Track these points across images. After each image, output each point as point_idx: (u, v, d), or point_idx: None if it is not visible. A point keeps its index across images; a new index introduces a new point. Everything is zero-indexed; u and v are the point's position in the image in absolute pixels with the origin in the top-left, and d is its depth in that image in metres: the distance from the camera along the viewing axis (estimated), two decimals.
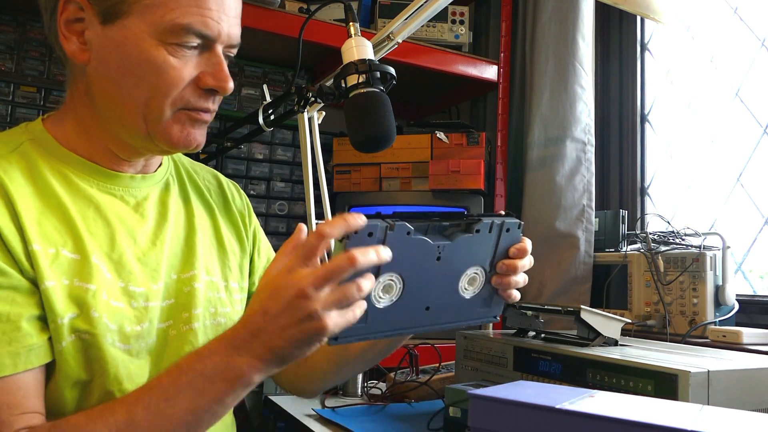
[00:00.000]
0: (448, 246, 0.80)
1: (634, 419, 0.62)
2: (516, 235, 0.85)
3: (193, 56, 0.85)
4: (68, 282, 0.80)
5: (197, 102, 0.87)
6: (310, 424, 1.27)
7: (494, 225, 0.82)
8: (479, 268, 0.84)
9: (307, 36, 1.63)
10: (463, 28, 2.12)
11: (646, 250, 1.72)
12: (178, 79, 0.84)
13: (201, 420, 0.74)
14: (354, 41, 1.12)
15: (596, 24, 2.05)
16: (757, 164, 1.79)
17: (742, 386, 0.96)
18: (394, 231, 0.73)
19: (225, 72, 0.87)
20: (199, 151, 1.09)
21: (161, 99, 0.84)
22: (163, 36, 0.82)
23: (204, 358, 0.73)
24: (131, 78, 0.84)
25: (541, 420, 0.67)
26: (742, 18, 1.88)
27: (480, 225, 0.81)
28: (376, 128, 1.06)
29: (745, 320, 1.66)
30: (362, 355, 1.01)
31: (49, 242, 0.80)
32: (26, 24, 1.83)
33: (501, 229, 0.83)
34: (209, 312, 0.95)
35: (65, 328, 0.78)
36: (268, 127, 1.46)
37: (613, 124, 2.19)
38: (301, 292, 0.69)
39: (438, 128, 2.03)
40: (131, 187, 0.93)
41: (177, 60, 0.84)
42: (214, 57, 0.87)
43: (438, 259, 0.79)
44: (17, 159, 0.84)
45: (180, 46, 0.83)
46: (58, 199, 0.84)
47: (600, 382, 1.02)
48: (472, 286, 0.85)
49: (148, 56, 0.82)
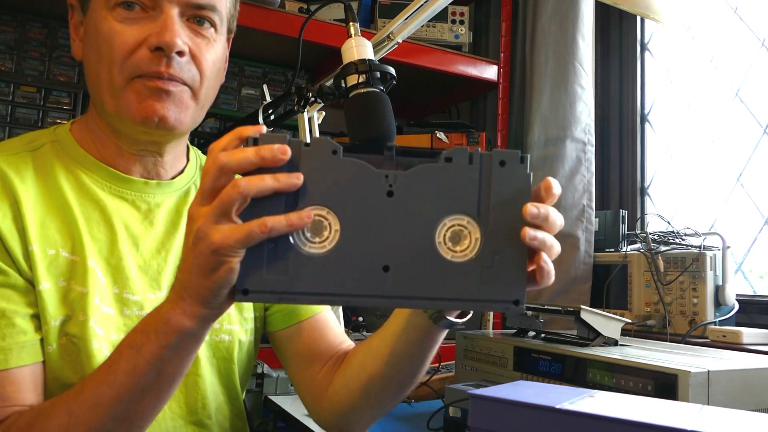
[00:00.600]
0: (402, 177, 0.60)
1: (634, 419, 0.62)
2: (521, 175, 0.62)
3: (142, 19, 0.82)
4: (65, 284, 0.80)
5: (147, 65, 0.81)
6: (310, 424, 1.27)
7: (477, 154, 0.60)
8: (464, 218, 0.62)
9: (307, 36, 1.63)
10: (463, 28, 2.12)
11: (646, 250, 1.72)
12: (123, 43, 0.81)
13: (144, 383, 0.67)
14: (354, 41, 1.12)
15: (596, 24, 2.05)
16: (757, 164, 1.79)
17: (742, 386, 0.96)
18: (310, 147, 0.59)
19: (169, 27, 0.81)
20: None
21: (113, 68, 0.81)
22: (107, 2, 0.82)
23: (143, 318, 0.70)
24: (95, 55, 0.83)
25: (541, 420, 0.67)
26: (742, 18, 1.88)
27: (452, 152, 0.60)
28: (376, 128, 1.06)
29: (745, 320, 1.66)
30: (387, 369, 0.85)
31: (50, 243, 0.80)
32: (26, 24, 1.83)
33: (490, 162, 0.61)
34: (213, 328, 0.90)
35: (56, 330, 0.78)
36: (268, 127, 1.46)
37: (613, 124, 2.19)
38: (189, 215, 0.63)
39: (438, 128, 2.03)
40: (145, 192, 0.91)
41: (121, 24, 0.81)
42: (161, 15, 0.81)
43: (389, 195, 0.60)
44: (33, 159, 0.85)
45: (121, 7, 0.81)
46: (65, 200, 0.84)
47: (600, 382, 1.02)
48: (458, 245, 0.62)
49: (100, 28, 0.82)
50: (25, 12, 1.82)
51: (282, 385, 1.59)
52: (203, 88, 0.87)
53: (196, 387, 0.90)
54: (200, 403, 0.90)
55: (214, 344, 0.93)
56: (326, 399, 0.94)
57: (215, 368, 0.93)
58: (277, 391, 1.57)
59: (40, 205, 0.82)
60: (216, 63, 0.88)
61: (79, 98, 1.87)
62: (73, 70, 1.89)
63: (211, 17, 0.86)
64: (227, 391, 0.95)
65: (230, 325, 0.95)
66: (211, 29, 0.87)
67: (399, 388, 0.87)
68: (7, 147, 0.86)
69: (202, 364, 0.91)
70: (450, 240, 0.62)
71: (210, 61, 0.86)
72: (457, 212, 0.61)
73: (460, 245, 0.62)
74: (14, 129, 1.79)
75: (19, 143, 0.87)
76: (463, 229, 0.62)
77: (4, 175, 0.81)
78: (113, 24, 0.81)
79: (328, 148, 0.59)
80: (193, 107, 0.86)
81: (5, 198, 0.79)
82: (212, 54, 0.87)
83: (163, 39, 0.80)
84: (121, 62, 0.81)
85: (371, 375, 0.87)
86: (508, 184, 0.62)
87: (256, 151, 0.59)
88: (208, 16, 0.85)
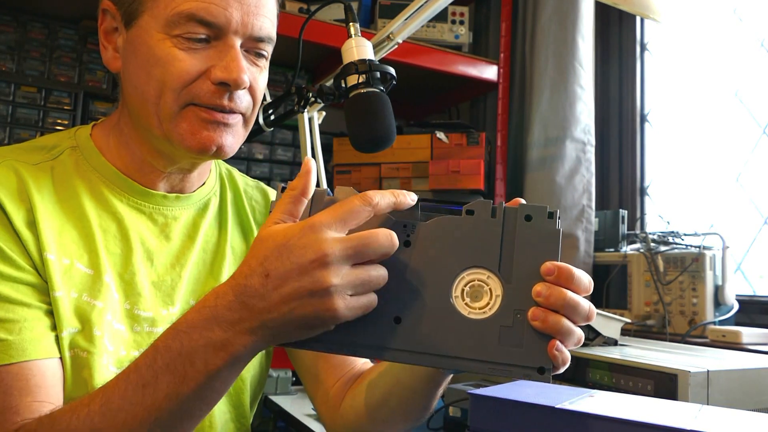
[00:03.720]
0: (421, 227, 0.57)
1: (634, 419, 0.62)
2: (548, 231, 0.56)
3: (204, 49, 0.80)
4: (77, 295, 0.79)
5: (209, 98, 0.80)
6: (310, 424, 1.27)
7: (500, 208, 0.56)
8: (485, 272, 0.57)
9: (307, 36, 1.63)
10: (463, 28, 2.12)
11: (645, 250, 1.72)
12: (183, 71, 0.79)
13: (189, 407, 0.63)
14: (354, 41, 1.12)
15: (596, 24, 2.06)
16: (757, 164, 1.79)
17: (742, 386, 0.96)
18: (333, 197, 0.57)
19: (236, 62, 0.79)
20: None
21: (168, 93, 0.79)
22: (168, 28, 0.79)
23: (181, 334, 0.62)
24: (143, 75, 0.81)
25: (541, 420, 0.67)
26: (741, 18, 1.88)
27: (474, 204, 0.57)
28: (377, 128, 1.06)
29: (745, 320, 1.66)
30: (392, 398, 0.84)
31: (65, 253, 0.79)
32: (26, 24, 1.83)
33: (515, 216, 0.56)
34: None
35: (64, 341, 0.77)
36: (269, 127, 1.46)
37: (613, 124, 2.19)
38: (323, 257, 0.56)
39: (438, 128, 2.04)
40: (163, 206, 0.89)
41: (182, 52, 0.79)
42: (226, 48, 0.80)
43: (407, 245, 0.57)
44: (52, 167, 0.83)
45: (186, 38, 0.79)
46: (82, 212, 0.82)
47: (600, 382, 1.02)
48: (477, 301, 0.58)
49: (154, 50, 0.79)
50: (25, 12, 1.82)
51: (282, 385, 1.59)
52: (254, 115, 0.88)
53: None
54: (207, 422, 0.88)
55: None
56: (338, 416, 0.93)
57: None
58: (277, 391, 1.58)
59: (56, 215, 0.80)
60: (264, 89, 0.89)
61: (80, 98, 1.87)
62: (74, 71, 1.89)
63: (267, 49, 0.86)
64: (234, 409, 0.93)
65: None
66: (263, 59, 0.86)
67: (405, 417, 0.85)
68: (28, 156, 0.84)
69: None
70: (468, 295, 0.58)
71: (261, 90, 0.87)
72: (477, 266, 0.57)
73: (479, 301, 0.58)
74: (14, 129, 1.79)
75: (40, 153, 0.85)
76: (482, 284, 0.58)
77: (24, 183, 0.79)
78: (172, 50, 0.79)
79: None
80: (243, 135, 0.87)
81: (23, 202, 0.78)
82: (263, 82, 0.87)
83: (231, 76, 0.79)
84: (178, 90, 0.79)
85: (378, 400, 0.86)
86: (534, 240, 0.57)
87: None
88: (265, 49, 0.85)
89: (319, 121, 1.42)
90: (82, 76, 1.90)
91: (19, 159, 0.82)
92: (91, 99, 1.90)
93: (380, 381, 0.86)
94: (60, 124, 1.84)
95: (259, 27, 0.82)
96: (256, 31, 0.82)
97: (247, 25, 0.81)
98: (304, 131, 1.39)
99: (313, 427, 1.25)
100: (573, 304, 0.57)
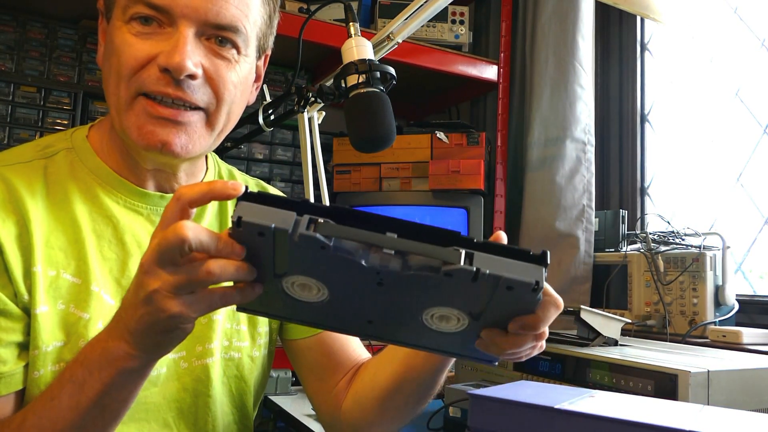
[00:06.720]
0: (396, 276, 0.54)
1: (634, 419, 0.62)
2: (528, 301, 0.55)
3: (155, 35, 0.76)
4: (64, 307, 0.77)
5: (154, 85, 0.75)
6: (310, 424, 1.27)
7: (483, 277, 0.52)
8: (456, 311, 0.59)
9: (307, 36, 1.63)
10: (463, 28, 2.12)
11: (646, 250, 1.72)
12: (131, 57, 0.75)
13: (88, 418, 0.65)
14: (354, 41, 1.12)
15: (596, 24, 2.06)
16: (757, 164, 1.79)
17: (742, 386, 0.96)
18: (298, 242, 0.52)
19: (179, 47, 0.74)
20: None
21: (121, 83, 0.76)
22: (124, 14, 0.77)
23: (84, 349, 0.66)
24: (107, 66, 0.79)
25: (541, 420, 0.67)
26: (742, 18, 1.88)
27: (455, 270, 0.52)
28: (376, 128, 1.06)
29: (745, 320, 1.66)
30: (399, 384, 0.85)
31: (51, 264, 0.77)
32: (26, 24, 1.83)
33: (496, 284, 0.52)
34: (223, 345, 0.89)
35: (47, 356, 0.75)
36: (268, 127, 1.46)
37: (613, 124, 2.19)
38: (141, 266, 0.59)
39: (438, 128, 2.04)
40: (160, 206, 0.86)
41: (134, 37, 0.76)
42: (176, 34, 0.75)
43: (380, 284, 0.56)
44: (46, 169, 0.81)
45: (136, 20, 0.76)
46: (74, 217, 0.80)
47: (600, 382, 1.02)
48: (446, 323, 0.61)
49: (114, 39, 0.77)
50: (25, 12, 1.82)
51: (282, 385, 1.59)
52: (221, 113, 0.81)
53: (206, 408, 0.87)
54: (210, 425, 0.87)
55: (224, 363, 0.89)
56: (341, 412, 0.93)
57: (227, 388, 0.90)
58: (277, 392, 1.57)
59: (46, 221, 0.78)
60: (239, 86, 0.82)
61: (79, 98, 1.87)
62: (73, 70, 1.89)
63: (232, 38, 0.79)
64: (237, 411, 0.92)
65: (240, 341, 0.91)
66: (232, 50, 0.80)
67: (418, 401, 0.86)
68: (20, 153, 0.82)
69: (214, 384, 0.87)
70: (438, 320, 0.61)
71: (230, 84, 0.80)
72: (449, 307, 0.58)
73: (449, 324, 0.61)
74: (14, 129, 1.79)
75: (33, 150, 0.83)
76: (453, 317, 0.60)
77: (13, 190, 0.77)
78: (126, 36, 0.76)
79: (315, 245, 0.52)
80: (205, 135, 0.81)
81: (11, 214, 0.75)
82: (234, 76, 0.80)
83: (171, 61, 0.74)
84: (128, 77, 0.76)
85: (384, 389, 0.85)
86: (511, 303, 0.57)
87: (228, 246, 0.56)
88: (230, 38, 0.79)
89: (319, 121, 1.42)
90: (81, 76, 1.90)
91: (8, 162, 0.80)
92: (91, 99, 1.90)
93: (388, 369, 0.86)
94: (60, 124, 1.84)
95: (216, 13, 0.76)
96: (212, 17, 0.76)
97: (199, 10, 0.75)
98: (303, 131, 1.39)
99: (313, 427, 1.25)
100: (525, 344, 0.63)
